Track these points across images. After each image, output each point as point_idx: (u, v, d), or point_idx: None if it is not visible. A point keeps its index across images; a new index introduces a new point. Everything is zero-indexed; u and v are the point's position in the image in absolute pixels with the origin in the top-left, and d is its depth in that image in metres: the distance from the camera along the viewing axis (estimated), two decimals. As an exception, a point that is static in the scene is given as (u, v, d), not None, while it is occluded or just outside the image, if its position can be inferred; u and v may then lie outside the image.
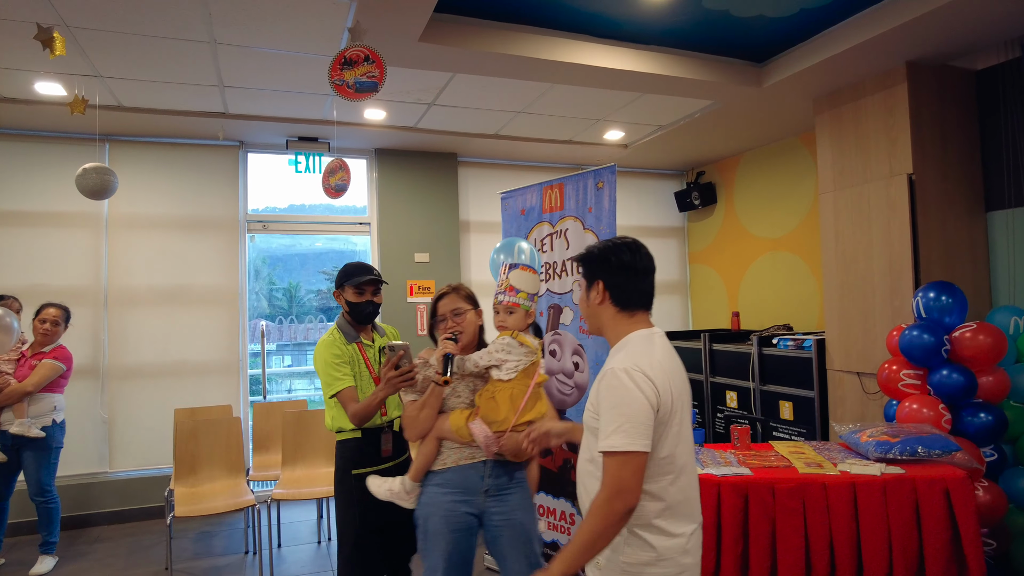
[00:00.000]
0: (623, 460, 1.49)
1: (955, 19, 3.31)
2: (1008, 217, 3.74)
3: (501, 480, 2.17)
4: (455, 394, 2.22)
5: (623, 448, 1.49)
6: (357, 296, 2.56)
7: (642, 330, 1.69)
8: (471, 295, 2.33)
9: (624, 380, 1.53)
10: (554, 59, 3.65)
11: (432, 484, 2.18)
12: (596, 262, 1.74)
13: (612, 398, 1.54)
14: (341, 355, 2.51)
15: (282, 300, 5.66)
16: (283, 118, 4.72)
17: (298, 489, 3.88)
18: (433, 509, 2.14)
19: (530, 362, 2.16)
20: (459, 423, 2.15)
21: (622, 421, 1.50)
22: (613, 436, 1.50)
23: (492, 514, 2.15)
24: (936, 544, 2.58)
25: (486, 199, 6.07)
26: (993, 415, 3.15)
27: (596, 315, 1.75)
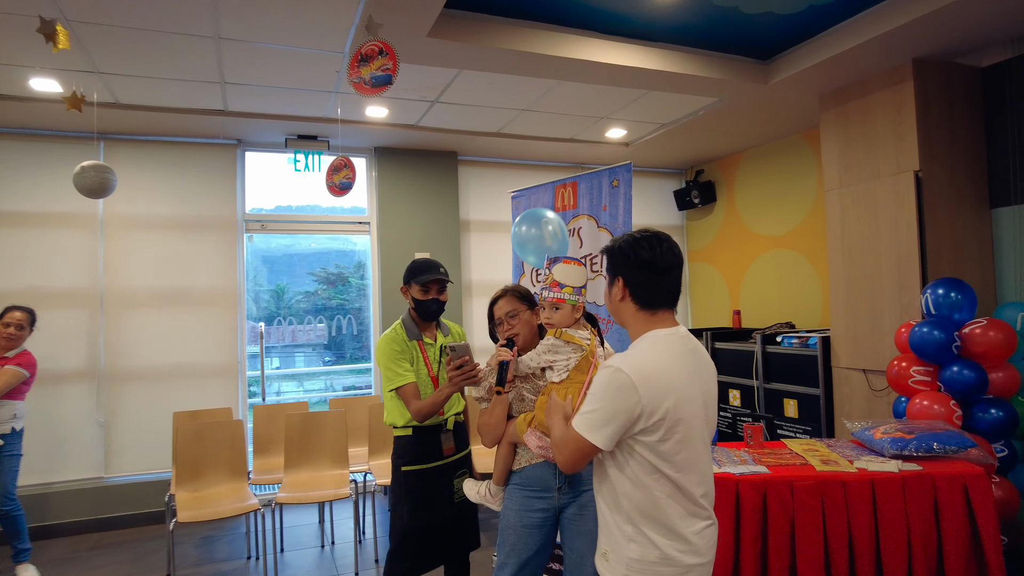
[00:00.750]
0: (577, 438, 1.58)
1: (961, 16, 3.32)
2: (1014, 213, 3.75)
3: (576, 475, 2.17)
4: (520, 398, 2.23)
5: (580, 431, 1.57)
6: (423, 294, 2.56)
7: (662, 330, 1.64)
8: (526, 294, 2.32)
9: (609, 377, 1.56)
10: (562, 55, 3.62)
11: (512, 484, 2.24)
12: (616, 257, 1.70)
13: (596, 387, 1.59)
14: (403, 351, 2.54)
15: (270, 302, 5.58)
16: (283, 116, 4.65)
17: (304, 492, 3.82)
18: (510, 504, 2.20)
19: (580, 358, 2.12)
20: (523, 429, 2.15)
21: (590, 410, 1.57)
22: (580, 417, 1.59)
23: (567, 509, 2.18)
24: (955, 541, 2.57)
25: (486, 198, 6.03)
26: (1004, 411, 3.16)
27: (618, 311, 1.73)
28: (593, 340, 2.16)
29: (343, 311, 5.77)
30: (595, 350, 2.14)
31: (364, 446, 4.64)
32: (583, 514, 2.13)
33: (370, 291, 5.68)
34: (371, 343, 5.67)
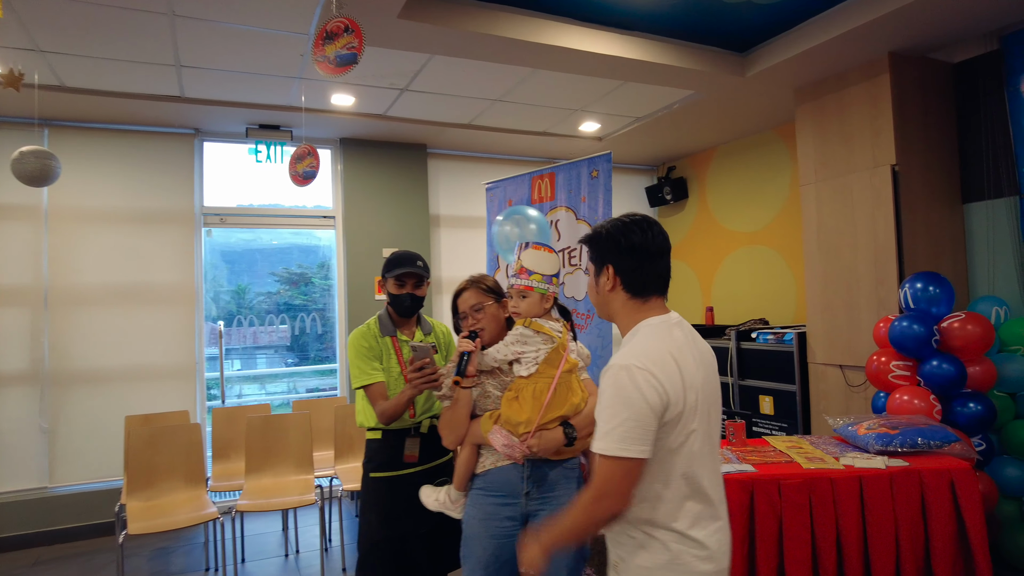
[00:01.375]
0: (614, 464, 1.38)
1: (936, 10, 3.31)
2: (986, 208, 3.77)
3: (542, 480, 2.00)
4: (485, 395, 2.07)
5: (615, 453, 1.37)
6: (397, 288, 2.42)
7: (655, 317, 1.55)
8: (493, 286, 2.17)
9: (623, 379, 1.40)
10: (538, 41, 3.50)
11: (475, 488, 2.06)
12: (604, 244, 1.59)
13: (609, 396, 1.41)
14: (372, 348, 2.40)
15: (230, 302, 5.32)
16: (244, 103, 4.43)
17: (266, 499, 3.61)
18: (473, 512, 2.02)
19: (550, 350, 1.99)
20: (488, 428, 1.99)
21: (617, 423, 1.38)
22: (607, 438, 1.38)
23: (536, 517, 1.99)
24: (942, 536, 2.53)
25: (457, 193, 5.88)
26: (983, 405, 3.15)
27: (607, 302, 1.61)
28: (565, 333, 2.05)
29: (307, 310, 5.55)
30: (566, 343, 2.03)
31: (330, 450, 4.44)
32: None
33: (335, 289, 5.47)
34: (337, 343, 5.46)
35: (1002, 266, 3.68)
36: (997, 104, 3.70)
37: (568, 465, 2.05)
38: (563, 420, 1.96)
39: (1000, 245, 3.69)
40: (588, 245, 1.66)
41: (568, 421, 1.96)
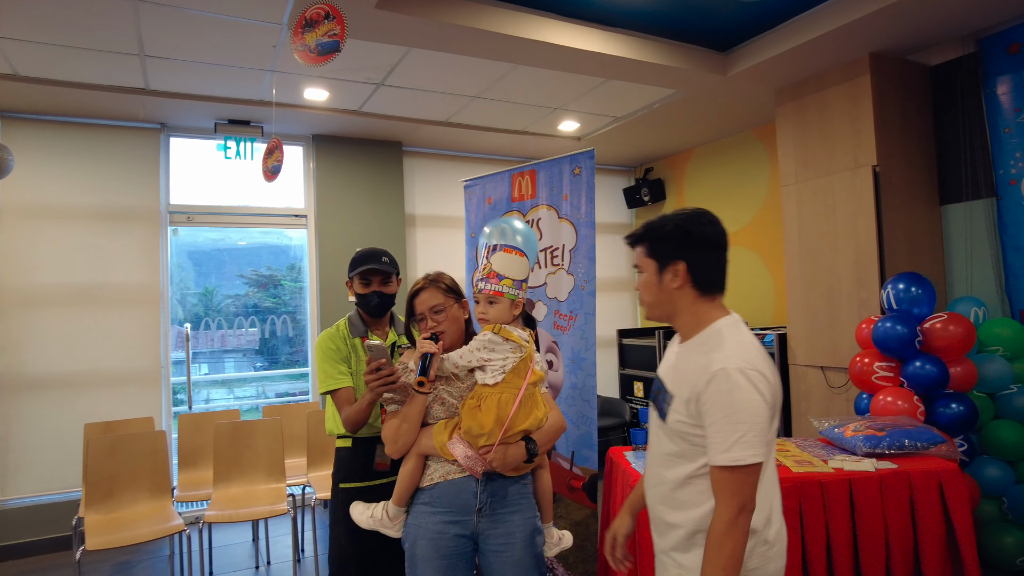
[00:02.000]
0: (746, 473, 1.34)
1: (915, 12, 3.32)
2: (964, 210, 3.79)
3: (499, 496, 1.86)
4: (439, 401, 1.91)
5: (749, 461, 1.33)
6: (363, 286, 2.30)
7: (727, 317, 1.51)
8: (452, 286, 2.01)
9: (741, 382, 1.35)
10: (520, 36, 3.41)
11: (419, 503, 1.88)
12: (673, 238, 1.51)
13: (728, 404, 1.35)
14: (340, 350, 2.26)
15: (197, 305, 5.11)
16: (213, 97, 4.25)
17: (235, 510, 3.45)
18: (420, 532, 1.84)
19: (518, 359, 1.88)
20: (442, 438, 1.85)
21: (744, 430, 1.33)
22: (735, 448, 1.34)
23: (488, 537, 1.85)
24: (932, 538, 2.51)
25: (434, 192, 5.77)
26: (965, 405, 3.15)
27: (670, 300, 1.53)
28: (531, 343, 1.94)
29: (277, 313, 5.37)
30: (533, 354, 1.93)
31: (302, 457, 4.28)
32: (511, 542, 1.83)
33: (307, 291, 5.30)
34: (308, 347, 5.30)
35: (980, 267, 3.71)
36: (974, 106, 3.73)
37: (524, 481, 1.94)
38: (525, 435, 1.86)
39: (978, 246, 3.71)
40: (648, 240, 1.56)
41: (530, 436, 1.87)
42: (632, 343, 5.89)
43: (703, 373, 1.40)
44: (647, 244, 1.56)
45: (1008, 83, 3.59)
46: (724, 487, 1.36)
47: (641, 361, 5.75)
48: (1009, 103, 3.59)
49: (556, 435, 1.94)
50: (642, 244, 1.57)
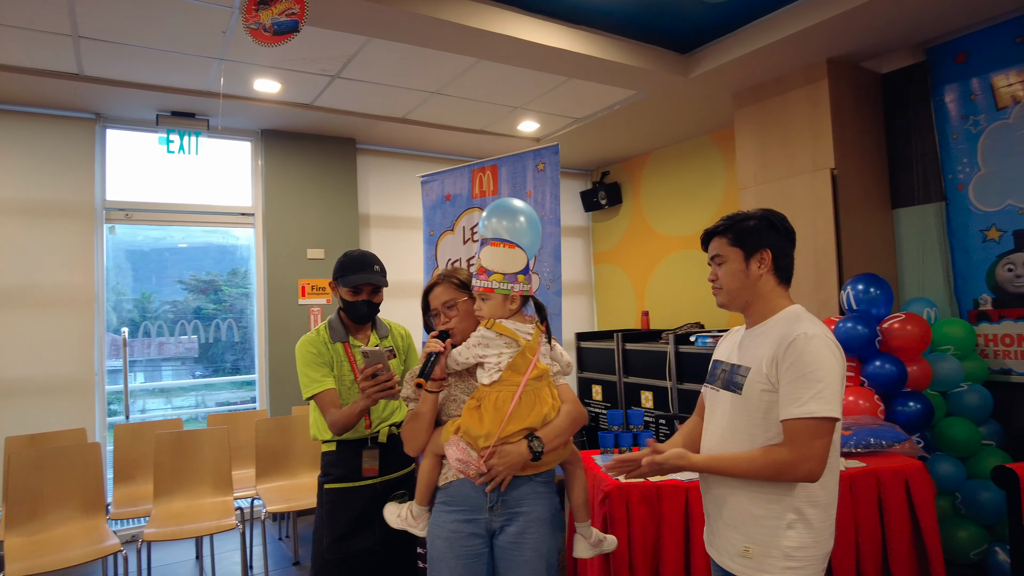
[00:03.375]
0: (817, 427, 1.44)
1: (868, 19, 3.40)
2: (915, 214, 3.89)
3: (510, 494, 1.81)
4: (451, 399, 1.88)
5: (821, 414, 1.43)
6: (352, 295, 2.23)
7: (797, 305, 1.65)
8: (467, 281, 1.96)
9: (821, 345, 1.48)
10: (484, 28, 3.32)
11: (438, 502, 1.88)
12: (759, 228, 1.64)
13: (806, 362, 1.46)
14: (321, 354, 2.20)
15: (132, 311, 4.78)
16: (154, 86, 3.99)
17: (178, 526, 3.21)
18: (436, 531, 1.84)
19: (515, 354, 1.80)
20: (448, 438, 1.80)
21: (820, 387, 1.44)
22: (810, 402, 1.44)
23: (500, 534, 1.81)
24: (899, 535, 2.53)
25: (389, 191, 5.60)
26: (922, 403, 3.21)
27: (752, 287, 1.65)
28: (536, 335, 1.86)
29: (222, 317, 5.09)
30: (536, 347, 1.84)
31: (251, 468, 4.05)
32: (522, 541, 1.79)
33: (254, 293, 5.05)
34: (256, 352, 5.04)
35: (930, 269, 3.81)
36: (924, 113, 3.83)
37: (539, 479, 1.86)
38: (529, 432, 1.77)
39: (928, 249, 3.81)
40: (733, 231, 1.67)
41: (534, 433, 1.78)
42: (590, 346, 5.85)
43: (783, 340, 1.51)
44: (732, 234, 1.67)
45: (955, 91, 3.71)
46: (794, 437, 1.45)
47: (599, 364, 5.71)
48: (956, 111, 3.71)
49: (571, 428, 1.84)
50: (726, 235, 1.68)
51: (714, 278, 1.71)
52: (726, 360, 1.73)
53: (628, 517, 2.43)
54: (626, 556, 2.39)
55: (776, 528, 1.52)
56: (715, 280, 1.71)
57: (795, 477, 1.46)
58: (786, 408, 1.47)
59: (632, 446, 2.93)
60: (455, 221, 3.44)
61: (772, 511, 1.53)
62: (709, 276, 1.74)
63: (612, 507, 2.42)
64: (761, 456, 1.50)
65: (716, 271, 1.71)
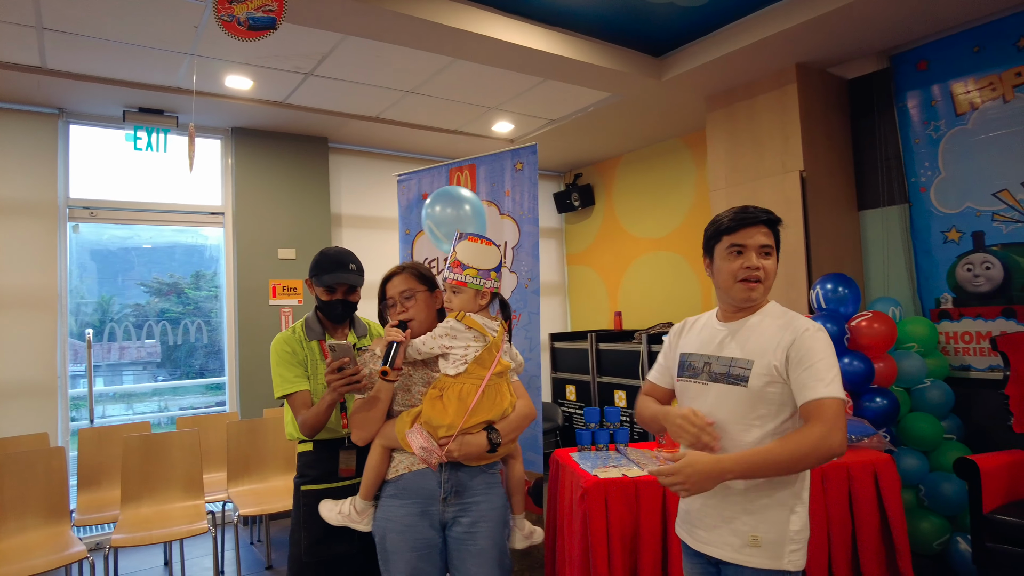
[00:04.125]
0: (839, 405, 1.49)
1: (834, 27, 3.49)
2: (880, 215, 4.01)
3: (463, 485, 1.84)
4: (405, 389, 1.89)
5: (842, 396, 1.50)
6: (327, 294, 2.19)
7: (774, 301, 1.72)
8: (426, 274, 2.00)
9: (826, 338, 1.56)
10: (460, 28, 3.32)
11: (386, 496, 1.86)
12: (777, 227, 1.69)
13: (822, 350, 1.53)
14: (296, 353, 2.15)
15: (93, 316, 4.63)
16: (122, 81, 3.89)
17: (148, 531, 3.13)
18: (389, 524, 1.83)
19: (481, 348, 1.85)
20: (403, 429, 1.81)
21: (835, 373, 1.52)
22: (833, 384, 1.50)
23: (453, 525, 1.83)
24: (869, 526, 2.60)
25: (362, 191, 5.56)
26: (888, 399, 3.30)
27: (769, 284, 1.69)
28: (501, 332, 1.91)
29: (191, 318, 4.97)
30: (500, 343, 1.89)
31: (222, 471, 3.97)
32: (476, 531, 1.83)
33: (224, 293, 4.96)
34: (225, 354, 4.95)
35: (895, 269, 3.92)
36: (888, 118, 3.96)
37: (490, 471, 1.91)
38: (487, 424, 1.83)
39: (893, 249, 3.93)
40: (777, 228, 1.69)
41: (492, 426, 1.83)
42: (564, 347, 5.89)
43: (788, 332, 1.56)
44: (776, 231, 1.67)
45: (918, 97, 3.84)
46: (823, 414, 1.47)
47: (573, 364, 5.75)
48: (919, 116, 3.83)
49: (523, 423, 1.91)
50: (773, 228, 1.66)
51: (758, 268, 1.61)
52: (708, 353, 1.69)
53: (607, 512, 2.45)
54: (605, 551, 2.41)
55: (782, 514, 1.57)
56: (758, 270, 1.61)
57: (828, 449, 1.46)
58: (814, 389, 1.49)
59: (609, 443, 2.97)
60: (432, 220, 3.43)
61: (779, 499, 1.57)
62: (749, 264, 1.60)
63: (590, 504, 2.44)
64: (794, 439, 1.49)
65: (762, 263, 1.61)
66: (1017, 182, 3.43)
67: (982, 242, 3.56)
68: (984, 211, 3.55)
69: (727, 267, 1.64)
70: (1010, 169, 3.45)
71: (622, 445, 2.98)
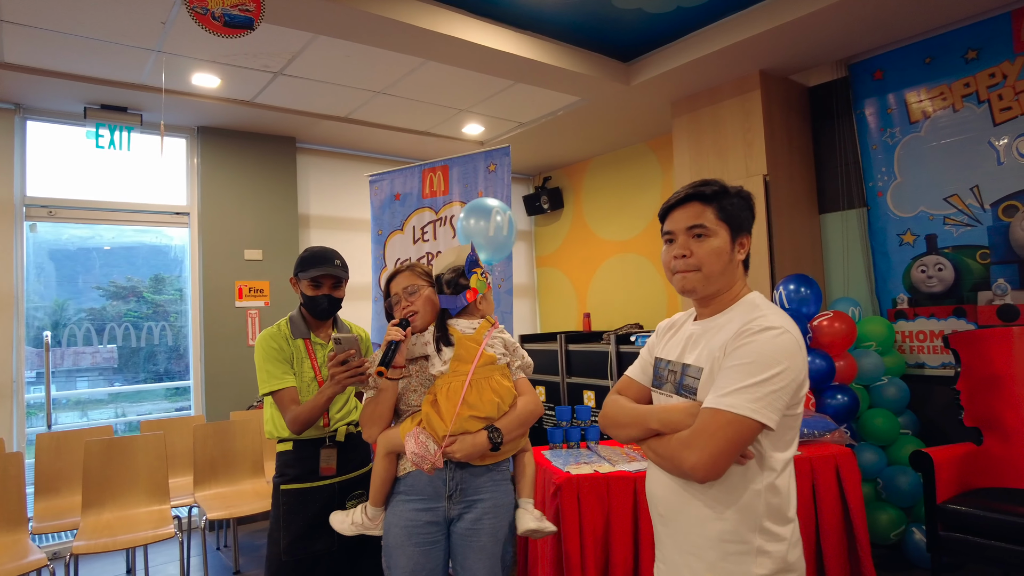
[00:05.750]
0: (717, 424, 1.20)
1: (795, 36, 3.61)
2: (840, 219, 4.15)
3: (469, 483, 1.85)
4: (411, 389, 1.90)
5: (746, 412, 1.19)
6: (313, 289, 2.20)
7: (756, 292, 1.41)
8: (428, 271, 2.02)
9: (779, 341, 1.23)
10: (433, 30, 3.34)
11: (395, 493, 1.88)
12: (745, 208, 1.38)
13: (754, 354, 1.23)
14: (283, 350, 2.16)
15: (45, 320, 4.46)
16: (83, 76, 3.80)
17: (111, 537, 3.06)
18: (394, 519, 1.86)
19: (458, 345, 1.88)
20: (407, 431, 1.83)
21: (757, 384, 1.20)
22: (733, 396, 1.20)
23: (457, 522, 1.85)
24: (831, 518, 2.68)
25: (330, 191, 5.51)
26: (848, 396, 3.42)
27: (731, 273, 1.37)
28: (481, 328, 1.93)
29: (154, 320, 4.86)
30: (481, 338, 1.90)
31: (188, 476, 3.90)
32: (478, 528, 1.84)
33: (188, 295, 4.86)
34: (191, 357, 4.85)
35: (854, 270, 4.07)
36: (847, 125, 4.10)
37: (497, 469, 1.92)
38: (488, 424, 1.83)
39: (852, 251, 4.07)
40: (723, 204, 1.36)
41: (494, 425, 1.84)
42: (534, 348, 5.91)
43: (737, 332, 1.28)
44: (718, 206, 1.35)
45: (875, 105, 3.99)
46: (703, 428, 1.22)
47: (543, 365, 5.77)
48: (875, 123, 3.98)
49: (529, 419, 1.92)
50: (711, 204, 1.35)
51: (687, 254, 1.36)
52: (673, 359, 1.45)
53: (579, 509, 2.48)
54: (577, 547, 2.45)
55: (748, 553, 1.26)
56: (687, 256, 1.36)
57: (681, 467, 1.24)
58: (710, 395, 1.25)
59: (580, 441, 3.01)
60: (405, 221, 3.43)
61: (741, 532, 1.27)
62: (676, 252, 1.38)
63: (563, 500, 2.47)
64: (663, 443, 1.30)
65: (691, 246, 1.36)
66: (966, 187, 3.59)
67: (935, 244, 3.72)
68: (936, 215, 3.71)
69: (663, 258, 1.44)
70: (960, 175, 3.61)
71: (593, 442, 3.02)
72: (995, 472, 3.09)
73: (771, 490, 1.28)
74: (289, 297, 5.04)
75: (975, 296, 3.58)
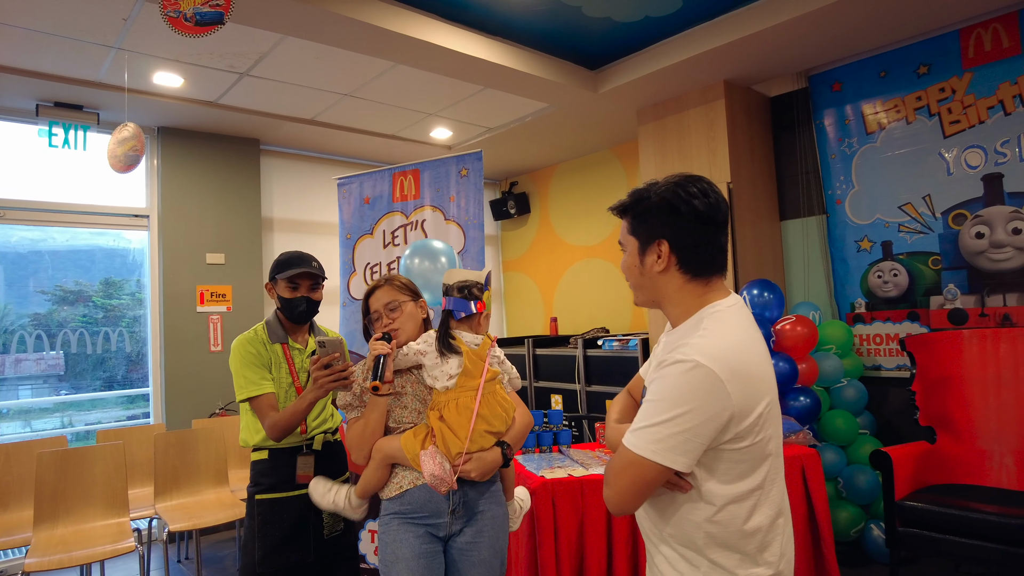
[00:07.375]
0: (627, 462, 1.15)
1: (757, 47, 3.71)
2: (800, 225, 4.28)
3: (471, 498, 1.83)
4: (401, 405, 1.85)
5: (647, 454, 1.12)
6: (290, 291, 2.16)
7: (719, 302, 1.25)
8: (409, 284, 1.97)
9: (685, 376, 1.13)
10: (403, 33, 3.32)
11: (389, 515, 1.82)
12: (657, 213, 1.24)
13: (664, 391, 1.15)
14: (261, 355, 2.11)
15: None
16: (36, 72, 3.65)
17: (66, 553, 2.94)
18: (392, 536, 1.79)
19: (461, 360, 1.82)
20: (414, 450, 1.76)
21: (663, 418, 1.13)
22: (639, 433, 1.15)
23: (458, 536, 1.83)
24: (797, 517, 2.74)
25: (294, 194, 5.43)
26: (811, 398, 3.52)
27: (655, 286, 1.28)
28: (485, 344, 1.90)
29: (102, 326, 4.67)
30: (485, 354, 1.88)
31: (147, 486, 3.77)
32: (478, 541, 1.82)
33: (148, 299, 4.72)
34: (149, 363, 4.70)
35: (814, 276, 4.19)
36: (807, 135, 4.23)
37: (495, 482, 1.93)
38: (499, 440, 1.84)
39: (812, 257, 4.20)
40: (630, 213, 1.30)
41: (504, 440, 1.85)
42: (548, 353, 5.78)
43: (672, 355, 1.17)
44: (632, 217, 1.29)
45: (833, 116, 4.12)
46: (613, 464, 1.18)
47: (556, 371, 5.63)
48: (834, 133, 4.12)
49: (527, 432, 1.94)
50: (628, 217, 1.30)
51: (622, 269, 1.36)
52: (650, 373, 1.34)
53: (554, 512, 2.49)
54: (552, 550, 2.46)
55: None
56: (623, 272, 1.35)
57: (608, 500, 1.21)
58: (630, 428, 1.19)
59: (552, 445, 3.02)
60: (374, 225, 3.40)
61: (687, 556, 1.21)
62: None
63: (537, 503, 2.48)
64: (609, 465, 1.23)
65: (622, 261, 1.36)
66: (919, 196, 3.74)
67: (890, 251, 3.86)
68: (892, 222, 3.85)
69: None
70: (913, 184, 3.77)
71: (565, 446, 3.04)
72: (947, 469, 3.22)
73: (713, 524, 1.18)
74: (252, 301, 4.94)
75: (928, 301, 3.73)
